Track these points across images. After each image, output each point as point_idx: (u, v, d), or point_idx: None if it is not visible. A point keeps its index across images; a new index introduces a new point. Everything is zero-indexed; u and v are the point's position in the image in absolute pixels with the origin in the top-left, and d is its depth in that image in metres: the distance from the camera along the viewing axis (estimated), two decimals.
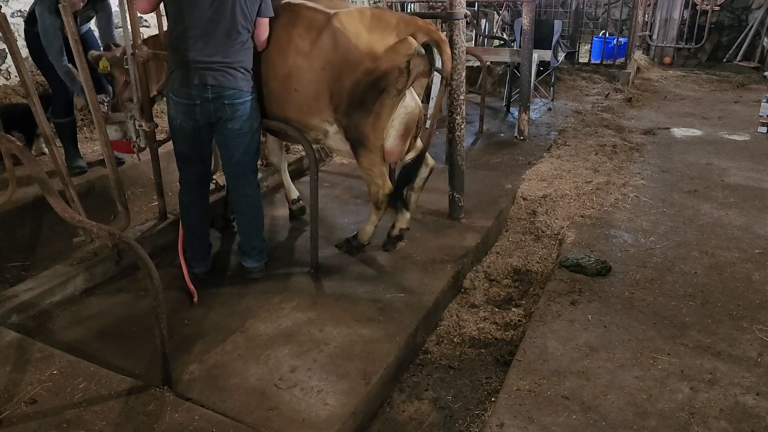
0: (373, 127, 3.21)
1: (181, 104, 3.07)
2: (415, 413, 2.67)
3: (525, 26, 5.76)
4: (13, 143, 3.05)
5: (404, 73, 3.08)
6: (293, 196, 4.26)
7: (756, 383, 2.64)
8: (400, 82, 3.10)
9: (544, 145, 6.06)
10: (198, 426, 2.26)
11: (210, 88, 3.02)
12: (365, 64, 3.07)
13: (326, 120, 3.32)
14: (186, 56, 3.00)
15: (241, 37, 3.05)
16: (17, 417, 2.28)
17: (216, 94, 3.03)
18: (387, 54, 3.06)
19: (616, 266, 3.64)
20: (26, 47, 4.41)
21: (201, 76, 3.00)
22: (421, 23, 3.15)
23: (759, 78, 9.77)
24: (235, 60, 3.05)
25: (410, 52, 3.06)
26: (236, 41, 3.04)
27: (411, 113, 3.33)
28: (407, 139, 3.42)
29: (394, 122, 3.27)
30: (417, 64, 3.13)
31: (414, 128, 3.42)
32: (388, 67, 3.06)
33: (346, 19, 3.11)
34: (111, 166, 3.54)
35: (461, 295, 3.55)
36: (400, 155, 3.49)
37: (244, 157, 3.28)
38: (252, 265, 3.46)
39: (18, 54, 3.13)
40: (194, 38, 2.98)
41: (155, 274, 2.30)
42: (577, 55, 10.02)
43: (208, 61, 3.00)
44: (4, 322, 2.93)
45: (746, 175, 5.31)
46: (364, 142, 3.26)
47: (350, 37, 3.08)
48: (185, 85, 3.03)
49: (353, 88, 3.12)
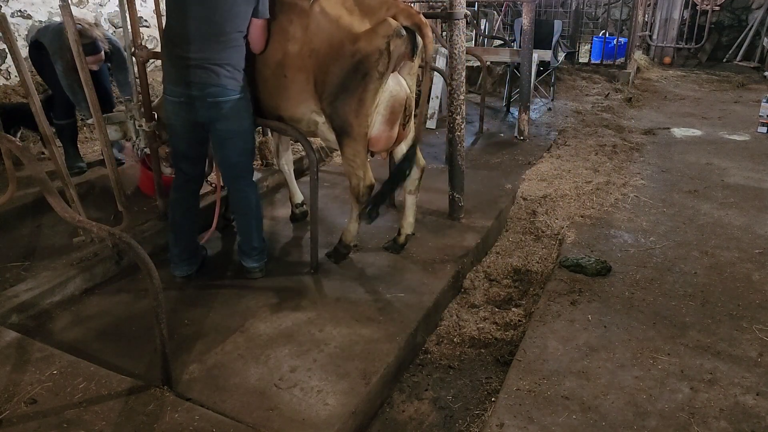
0: (357, 114, 3.16)
1: (170, 101, 3.11)
2: (415, 413, 2.67)
3: (525, 26, 5.76)
4: (13, 143, 3.05)
5: (384, 54, 3.04)
6: (297, 200, 4.25)
7: (756, 383, 2.64)
8: (381, 64, 3.05)
9: (544, 145, 6.06)
10: (198, 426, 2.26)
11: (194, 86, 3.02)
12: (346, 47, 3.05)
13: (314, 110, 3.31)
14: (174, 53, 3.03)
15: (231, 37, 3.03)
16: (17, 417, 2.28)
17: (200, 91, 3.03)
18: (366, 35, 3.03)
19: (616, 266, 3.64)
20: (26, 46, 4.42)
21: (186, 74, 3.01)
22: (402, 6, 3.12)
23: (759, 78, 9.77)
24: (220, 58, 3.02)
25: (389, 33, 3.01)
26: (225, 41, 3.01)
27: (396, 96, 3.26)
28: (394, 125, 3.36)
29: (379, 107, 3.22)
30: (398, 45, 3.07)
31: (401, 114, 3.36)
32: (369, 49, 3.03)
33: (327, 3, 3.11)
34: (111, 167, 3.54)
35: (461, 295, 3.55)
36: (388, 143, 3.42)
37: (239, 158, 3.28)
38: (252, 265, 3.46)
39: (18, 54, 3.13)
40: (183, 35, 2.98)
41: (155, 274, 2.30)
42: (577, 55, 10.03)
43: (194, 59, 2.99)
44: (4, 322, 2.93)
45: (746, 175, 5.31)
46: (348, 130, 3.22)
47: (331, 20, 3.08)
48: (173, 83, 3.06)
49: (336, 72, 3.10)
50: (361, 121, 3.19)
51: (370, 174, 3.41)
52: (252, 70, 3.28)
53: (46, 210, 3.72)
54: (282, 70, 3.24)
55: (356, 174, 3.37)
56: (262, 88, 3.35)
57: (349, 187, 3.47)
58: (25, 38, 5.60)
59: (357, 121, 3.19)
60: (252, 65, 3.26)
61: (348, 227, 3.62)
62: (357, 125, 3.20)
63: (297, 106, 3.33)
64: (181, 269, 3.42)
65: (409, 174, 3.62)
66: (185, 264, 3.42)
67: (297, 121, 3.40)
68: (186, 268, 3.43)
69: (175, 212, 3.36)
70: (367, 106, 3.16)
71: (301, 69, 3.19)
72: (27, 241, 3.75)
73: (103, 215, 4.01)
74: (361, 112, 3.16)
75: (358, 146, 3.28)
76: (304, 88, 3.24)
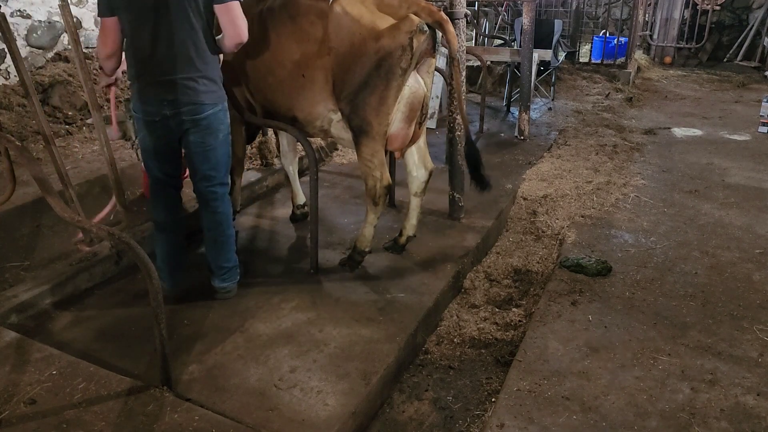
0: (377, 113, 3.14)
1: (142, 121, 2.90)
2: (415, 413, 2.67)
3: (525, 26, 5.76)
4: (13, 143, 3.04)
5: (407, 51, 3.03)
6: (299, 201, 4.23)
7: (757, 383, 2.63)
8: (404, 60, 3.04)
9: (544, 145, 6.05)
10: (198, 426, 2.25)
11: (167, 104, 2.81)
12: (369, 45, 3.04)
13: (331, 109, 3.30)
14: (142, 73, 2.81)
15: (199, 49, 2.80)
16: (17, 417, 2.27)
17: (174, 109, 2.82)
18: (389, 32, 3.02)
19: (616, 266, 3.64)
20: (26, 45, 4.38)
21: (158, 92, 2.80)
22: (423, 3, 3.11)
23: (759, 78, 9.76)
24: (192, 72, 2.80)
25: (413, 29, 3.00)
26: (193, 55, 2.78)
27: (415, 93, 3.26)
28: (412, 123, 3.36)
29: (399, 104, 3.21)
30: (420, 42, 3.06)
31: (419, 111, 3.35)
32: (392, 46, 3.02)
33: (348, 2, 3.10)
34: (111, 167, 3.53)
35: (461, 295, 3.55)
36: (404, 141, 3.41)
37: (213, 172, 3.05)
38: (219, 285, 3.20)
39: (17, 54, 3.13)
40: (151, 56, 2.75)
41: (155, 274, 2.30)
42: (577, 54, 10.02)
43: (165, 77, 2.77)
44: (4, 322, 2.92)
45: (747, 175, 5.30)
46: (366, 129, 3.18)
47: (353, 19, 3.06)
48: (143, 102, 2.84)
49: (357, 70, 3.08)
50: (381, 119, 3.17)
51: (387, 174, 3.35)
52: (265, 71, 3.28)
53: (46, 210, 3.72)
54: (300, 70, 3.23)
55: (373, 174, 3.31)
56: (277, 88, 3.34)
57: (365, 189, 3.37)
58: (24, 38, 5.60)
59: (377, 120, 3.17)
60: (265, 67, 3.26)
61: (362, 232, 3.53)
62: (377, 124, 3.18)
63: (315, 106, 3.31)
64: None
65: (417, 179, 3.65)
66: (170, 278, 3.25)
67: (313, 120, 3.38)
68: (170, 281, 3.24)
69: (157, 214, 3.19)
70: (388, 104, 3.14)
71: (320, 68, 3.18)
72: (27, 241, 3.75)
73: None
74: (382, 110, 3.15)
75: (377, 145, 3.24)
76: (323, 87, 3.23)
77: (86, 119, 5.46)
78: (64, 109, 5.52)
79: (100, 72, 3.31)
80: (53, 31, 5.86)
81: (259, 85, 3.42)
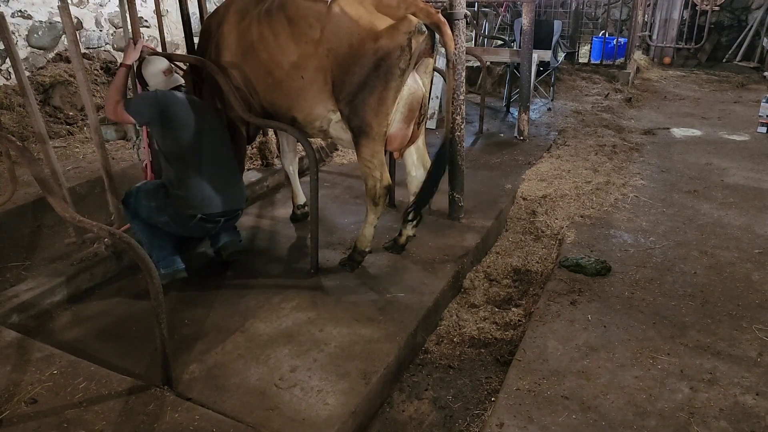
0: (377, 113, 3.15)
1: (202, 221, 3.34)
2: (415, 413, 2.68)
3: (525, 26, 5.76)
4: (13, 143, 3.05)
5: (406, 51, 3.03)
6: (300, 201, 4.24)
7: (756, 383, 2.64)
8: (403, 60, 3.05)
9: (543, 145, 6.06)
10: (198, 426, 2.26)
11: (232, 200, 3.45)
12: (367, 45, 3.05)
13: (330, 110, 3.31)
14: (205, 173, 3.32)
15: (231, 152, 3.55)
16: (17, 417, 2.28)
17: (238, 205, 3.50)
18: (388, 32, 3.03)
19: (615, 266, 3.64)
20: (27, 46, 4.40)
21: (224, 190, 3.37)
22: (421, 5, 3.11)
23: (759, 78, 9.77)
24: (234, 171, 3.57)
25: (411, 30, 3.01)
26: (229, 156, 3.51)
27: (414, 94, 3.27)
28: (411, 124, 3.37)
29: (398, 105, 3.22)
30: (419, 42, 3.07)
31: (418, 111, 3.37)
32: (391, 46, 3.02)
33: (346, 3, 3.10)
34: (105, 169, 3.53)
35: (461, 295, 3.56)
36: (403, 141, 3.42)
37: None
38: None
39: (15, 54, 3.13)
40: (205, 157, 3.33)
41: (155, 273, 2.30)
42: (576, 55, 10.02)
43: (225, 175, 3.44)
44: (4, 322, 2.93)
45: (746, 175, 5.31)
46: (366, 129, 3.19)
47: (351, 19, 3.07)
48: (208, 204, 3.31)
49: (356, 71, 3.09)
50: (381, 120, 3.18)
51: (387, 174, 3.37)
52: (264, 72, 3.29)
53: (46, 210, 3.73)
54: (299, 72, 3.24)
55: (373, 175, 3.32)
56: (276, 90, 3.35)
57: (365, 189, 3.40)
58: (25, 38, 5.61)
59: (376, 121, 3.17)
60: (264, 68, 3.27)
61: (363, 232, 3.55)
62: (376, 124, 3.18)
63: (314, 107, 3.32)
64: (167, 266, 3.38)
65: (417, 180, 3.64)
66: (168, 263, 3.39)
67: (313, 121, 3.39)
68: (168, 266, 3.39)
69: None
70: (387, 105, 3.15)
71: (319, 69, 3.19)
72: (27, 241, 3.75)
73: (103, 215, 4.01)
74: (381, 110, 3.15)
75: (377, 146, 3.25)
76: (323, 88, 3.24)
77: (87, 120, 5.47)
78: (65, 109, 5.54)
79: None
80: (54, 31, 5.87)
81: (258, 86, 3.42)
